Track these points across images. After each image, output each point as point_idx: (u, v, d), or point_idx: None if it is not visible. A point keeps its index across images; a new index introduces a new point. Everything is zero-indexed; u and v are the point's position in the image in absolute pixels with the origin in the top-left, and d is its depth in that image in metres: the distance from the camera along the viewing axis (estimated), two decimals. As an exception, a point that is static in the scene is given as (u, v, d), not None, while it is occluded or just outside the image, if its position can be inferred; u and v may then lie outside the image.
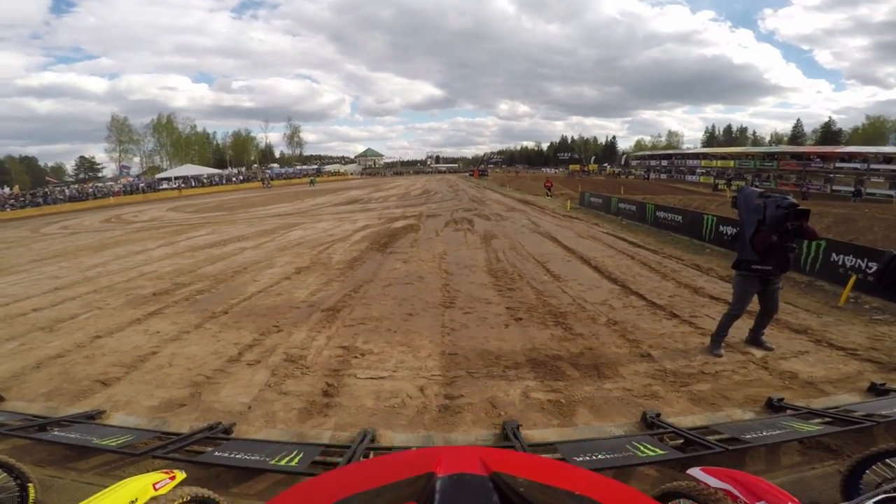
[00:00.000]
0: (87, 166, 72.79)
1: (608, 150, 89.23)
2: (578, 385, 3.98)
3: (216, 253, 11.38)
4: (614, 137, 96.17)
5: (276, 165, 78.36)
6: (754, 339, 4.72)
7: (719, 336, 4.58)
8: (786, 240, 4.15)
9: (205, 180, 56.96)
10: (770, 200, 4.16)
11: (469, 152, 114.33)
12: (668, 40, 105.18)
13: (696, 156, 52.92)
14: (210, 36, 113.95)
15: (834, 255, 7.58)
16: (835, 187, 33.61)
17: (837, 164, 34.92)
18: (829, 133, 67.03)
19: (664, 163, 57.09)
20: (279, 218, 19.42)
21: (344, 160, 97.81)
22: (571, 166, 71.02)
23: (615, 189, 29.39)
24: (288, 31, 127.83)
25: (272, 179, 60.12)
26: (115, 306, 7.04)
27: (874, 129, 62.20)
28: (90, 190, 48.93)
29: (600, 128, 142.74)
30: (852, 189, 30.46)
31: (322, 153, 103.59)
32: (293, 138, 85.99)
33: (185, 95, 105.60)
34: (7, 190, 47.74)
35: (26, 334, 5.95)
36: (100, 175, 70.81)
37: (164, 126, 71.06)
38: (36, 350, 5.34)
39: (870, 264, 6.90)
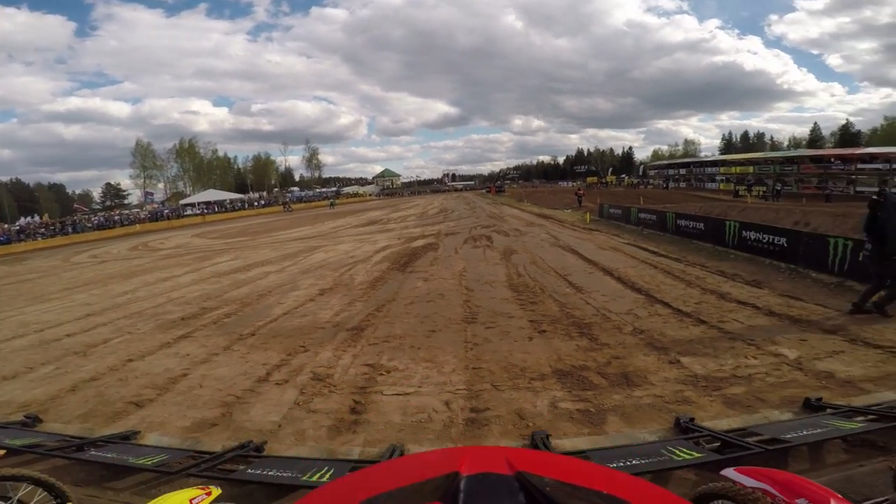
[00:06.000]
0: (113, 193, 75.10)
1: (625, 161, 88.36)
2: (607, 394, 3.90)
3: (241, 278, 11.59)
4: (630, 148, 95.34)
5: (296, 189, 78.98)
6: (881, 307, 5.28)
7: (864, 299, 5.37)
8: None
9: (227, 205, 58.07)
10: None
11: (485, 169, 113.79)
12: (678, 50, 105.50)
13: (714, 163, 52.08)
14: (227, 59, 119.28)
15: None
16: (858, 188, 32.45)
17: (859, 166, 33.88)
18: (847, 135, 65.63)
19: (682, 171, 56.30)
20: (301, 241, 19.71)
21: (362, 181, 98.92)
22: (589, 179, 70.25)
23: (634, 200, 29.04)
24: (302, 52, 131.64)
25: (293, 203, 60.59)
26: (146, 331, 7.22)
27: (894, 130, 60.25)
28: (116, 217, 50.42)
29: (616, 139, 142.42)
30: (877, 189, 29.37)
31: (340, 175, 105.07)
32: (312, 161, 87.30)
33: (205, 119, 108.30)
34: (37, 219, 49.33)
35: (61, 359, 6.15)
36: (125, 202, 72.94)
37: (187, 151, 72.57)
38: (71, 374, 5.51)
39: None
